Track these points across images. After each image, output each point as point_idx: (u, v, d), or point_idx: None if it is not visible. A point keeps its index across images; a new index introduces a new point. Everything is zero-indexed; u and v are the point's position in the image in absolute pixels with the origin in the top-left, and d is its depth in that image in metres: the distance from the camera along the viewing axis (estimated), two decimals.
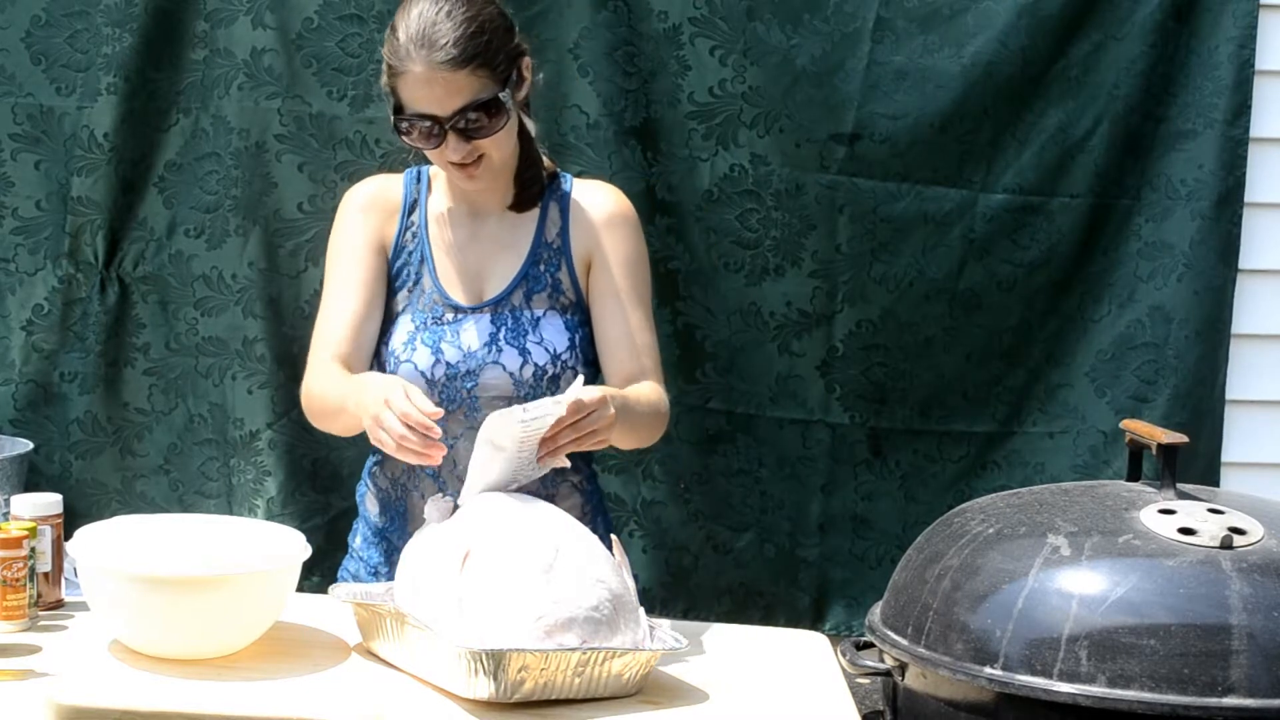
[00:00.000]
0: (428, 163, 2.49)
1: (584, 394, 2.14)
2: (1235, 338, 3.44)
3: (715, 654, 2.16)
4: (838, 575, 3.42)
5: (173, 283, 3.30)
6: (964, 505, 2.17)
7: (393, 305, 2.42)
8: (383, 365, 2.40)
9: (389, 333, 2.41)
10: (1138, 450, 2.14)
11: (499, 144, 2.33)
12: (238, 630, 2.01)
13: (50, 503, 2.20)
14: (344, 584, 2.21)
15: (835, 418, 3.39)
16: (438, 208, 2.45)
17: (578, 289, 2.43)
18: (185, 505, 3.30)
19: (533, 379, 2.36)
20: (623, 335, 2.41)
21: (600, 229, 2.44)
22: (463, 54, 2.25)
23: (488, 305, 2.40)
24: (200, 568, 2.05)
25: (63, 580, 2.20)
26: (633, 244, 2.45)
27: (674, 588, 3.38)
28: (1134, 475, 2.14)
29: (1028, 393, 3.42)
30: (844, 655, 2.11)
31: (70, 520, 2.21)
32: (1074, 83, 3.34)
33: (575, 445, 2.15)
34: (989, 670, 1.88)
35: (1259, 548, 1.90)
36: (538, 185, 2.44)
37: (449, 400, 2.36)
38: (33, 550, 2.13)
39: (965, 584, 1.95)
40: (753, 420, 3.38)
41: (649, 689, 1.97)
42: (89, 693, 1.86)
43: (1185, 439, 2.05)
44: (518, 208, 2.45)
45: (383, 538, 2.48)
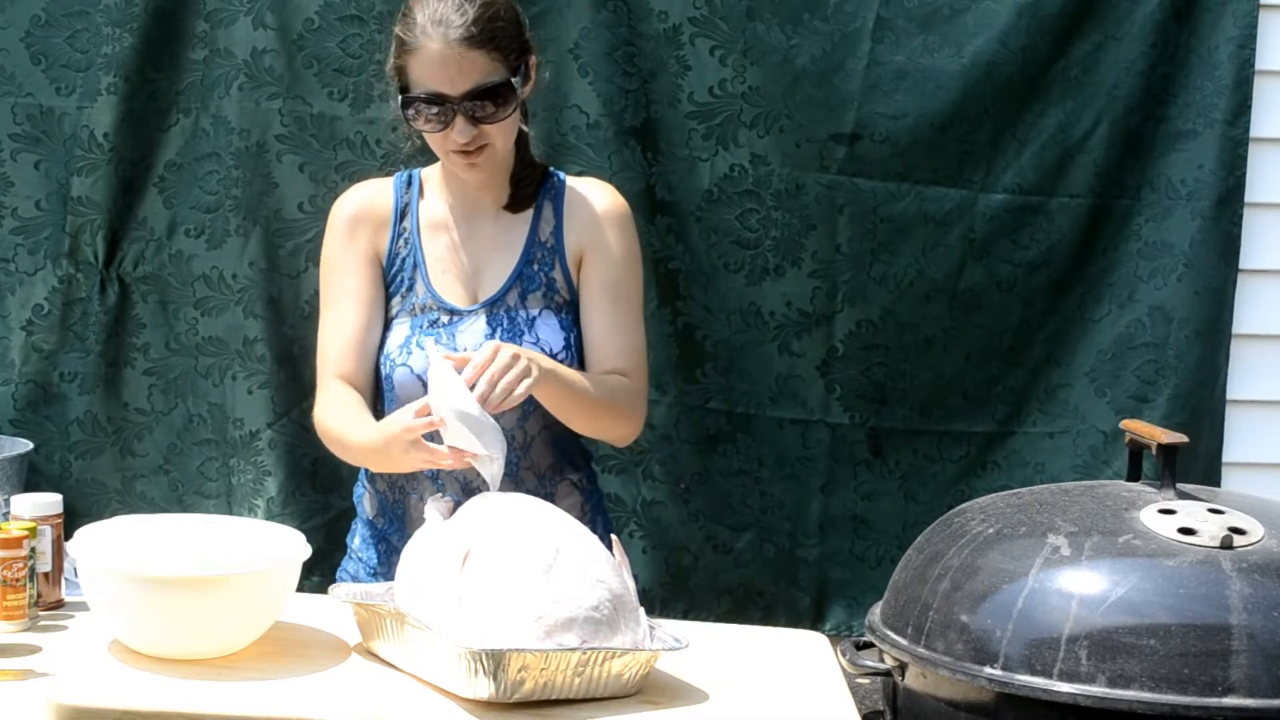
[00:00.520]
0: (421, 165, 2.49)
1: (489, 345, 2.18)
2: (1236, 338, 3.44)
3: (715, 654, 2.16)
4: (838, 575, 3.43)
5: (173, 283, 3.30)
6: (964, 505, 2.17)
7: (387, 310, 2.43)
8: (379, 370, 2.40)
9: (384, 337, 2.41)
10: (1138, 450, 2.14)
11: (503, 132, 2.34)
12: (238, 630, 2.01)
13: (50, 503, 2.20)
14: (344, 584, 2.21)
15: (835, 418, 3.39)
16: (430, 211, 2.45)
17: (571, 287, 2.43)
18: (185, 505, 3.30)
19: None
20: (607, 333, 2.41)
21: (593, 226, 2.44)
22: (481, 34, 2.27)
23: (483, 306, 2.40)
24: (200, 568, 2.05)
25: (63, 580, 2.20)
26: (625, 242, 2.45)
27: (674, 588, 3.38)
28: (1134, 475, 2.14)
29: (1028, 393, 3.43)
30: (844, 655, 2.11)
31: (70, 520, 2.21)
32: (1074, 83, 3.34)
33: (497, 397, 2.15)
34: (989, 670, 1.88)
35: (1259, 548, 1.90)
36: (532, 185, 2.45)
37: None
38: (33, 550, 2.13)
39: (965, 584, 1.95)
40: (753, 420, 3.38)
41: (649, 689, 1.97)
42: (89, 693, 1.86)
43: (1185, 439, 2.05)
44: (512, 208, 2.45)
45: (382, 539, 2.48)
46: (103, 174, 3.26)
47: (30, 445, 3.21)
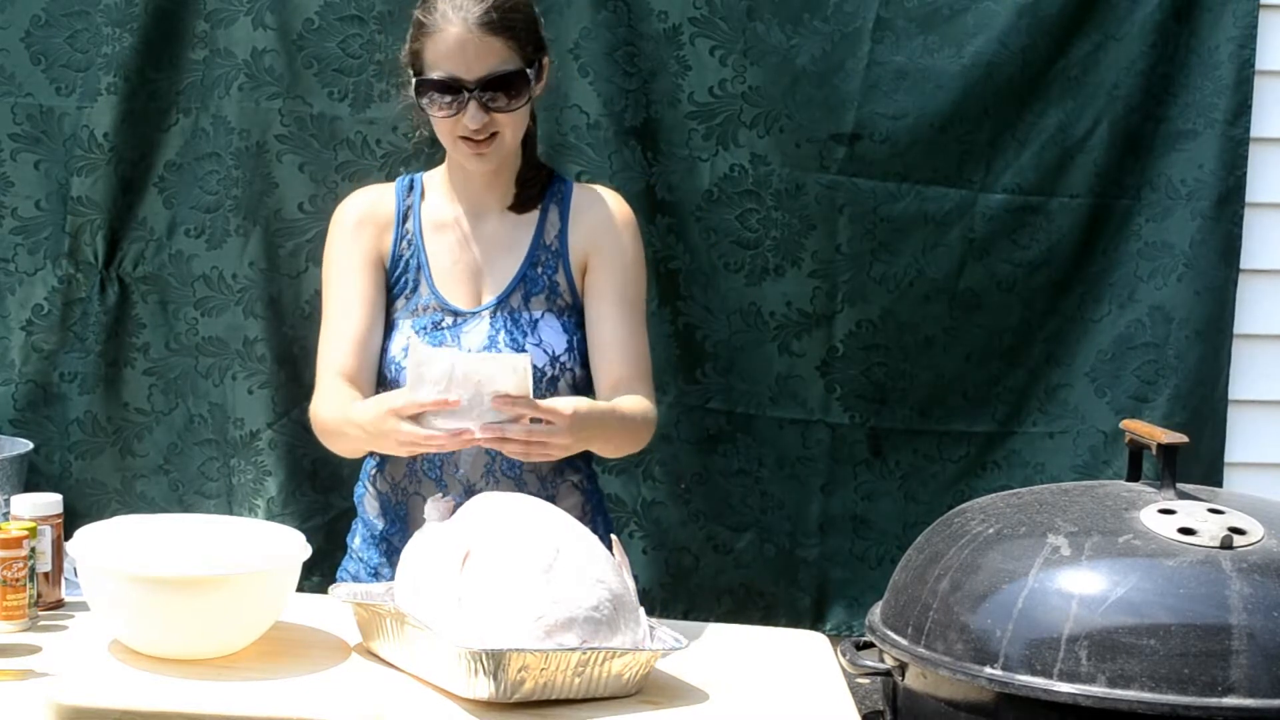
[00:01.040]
0: (422, 169, 2.49)
1: (559, 407, 2.16)
2: (1236, 338, 3.44)
3: (715, 654, 2.16)
4: (838, 575, 3.42)
5: (173, 283, 3.30)
6: (964, 505, 2.17)
7: (390, 312, 2.43)
8: (383, 372, 2.40)
9: (387, 340, 2.41)
10: (1138, 450, 2.14)
11: (513, 123, 2.35)
12: (238, 630, 2.01)
13: (50, 503, 2.20)
14: (344, 584, 2.21)
15: (835, 418, 3.39)
16: (433, 213, 2.45)
17: (575, 291, 2.43)
18: (185, 505, 3.30)
19: (532, 381, 2.36)
20: (614, 340, 2.41)
21: (599, 232, 2.44)
22: (500, 20, 2.30)
23: (487, 308, 2.40)
24: (200, 568, 2.05)
25: (63, 580, 2.20)
26: (631, 249, 2.46)
27: (674, 588, 3.38)
28: (1134, 475, 2.14)
29: (1028, 393, 3.42)
30: (844, 655, 2.11)
31: (70, 520, 2.22)
32: (1074, 83, 3.34)
33: (520, 446, 2.16)
34: (989, 670, 1.88)
35: (1259, 548, 1.90)
36: (537, 186, 2.45)
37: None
38: (33, 550, 2.13)
39: (965, 584, 1.95)
40: (753, 420, 3.38)
41: (649, 689, 1.97)
42: (89, 693, 1.86)
43: (1185, 439, 2.05)
44: (517, 209, 2.45)
45: (383, 539, 2.47)
46: (103, 174, 3.26)
47: (30, 445, 3.20)
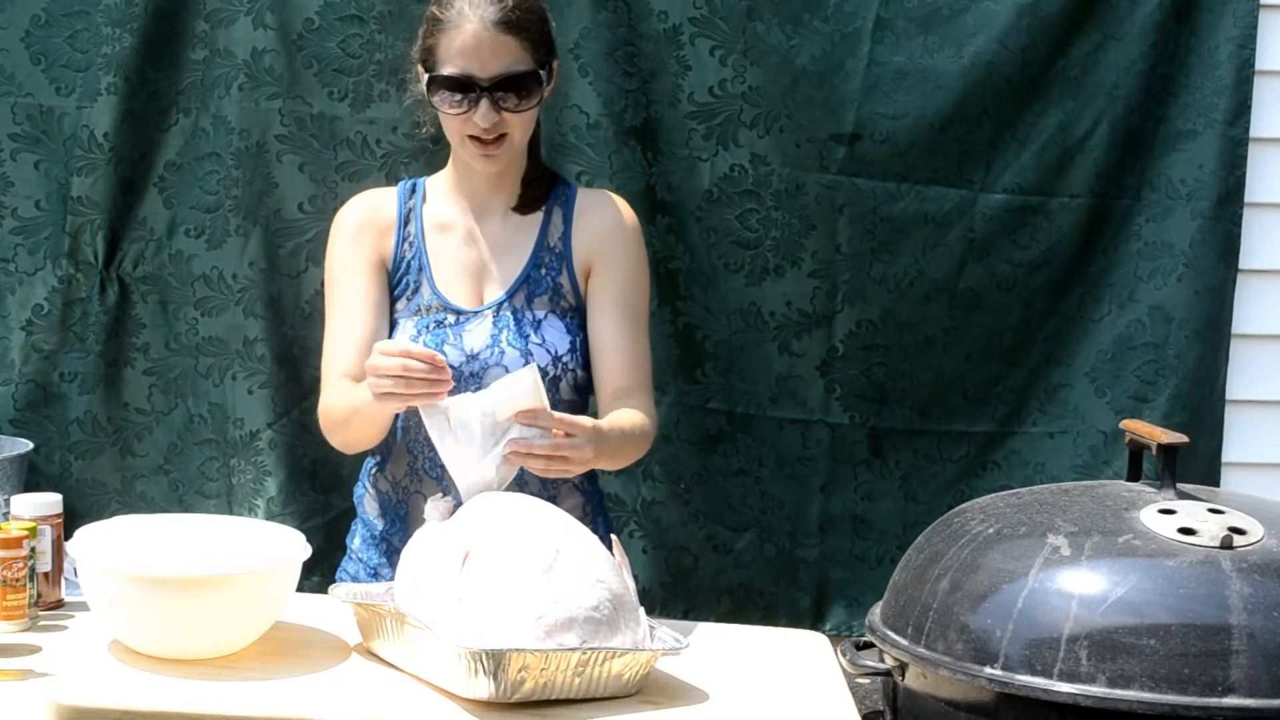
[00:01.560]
0: (423, 173, 2.50)
1: (580, 420, 2.16)
2: (1235, 338, 3.44)
3: (715, 654, 2.16)
4: (838, 575, 3.42)
5: (173, 283, 3.30)
6: (964, 505, 2.17)
7: (392, 313, 2.43)
8: None
9: (389, 339, 2.41)
10: (1138, 450, 2.14)
11: (522, 124, 2.35)
12: (238, 630, 2.01)
13: (50, 503, 2.20)
14: (344, 584, 2.21)
15: (835, 418, 3.39)
16: (435, 214, 2.45)
17: (578, 293, 2.44)
18: (185, 505, 3.30)
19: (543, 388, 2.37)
20: (617, 346, 2.41)
21: (604, 237, 2.44)
22: (519, 20, 2.31)
23: (489, 307, 2.40)
24: (200, 568, 2.05)
25: (63, 580, 2.21)
26: (635, 255, 2.46)
27: (674, 588, 3.38)
28: (1134, 475, 2.14)
29: (1028, 393, 3.42)
30: (844, 655, 2.11)
31: (70, 520, 2.22)
32: (1074, 83, 3.34)
33: (544, 463, 2.15)
34: (989, 670, 1.88)
35: (1259, 548, 1.90)
36: (542, 188, 2.46)
37: None
38: (33, 550, 2.13)
39: (965, 584, 1.95)
40: (753, 420, 3.38)
41: (649, 689, 1.97)
42: (89, 693, 1.86)
43: (1185, 439, 2.05)
44: (521, 210, 2.45)
45: (383, 539, 2.48)
46: (103, 174, 3.26)
47: (30, 445, 3.20)
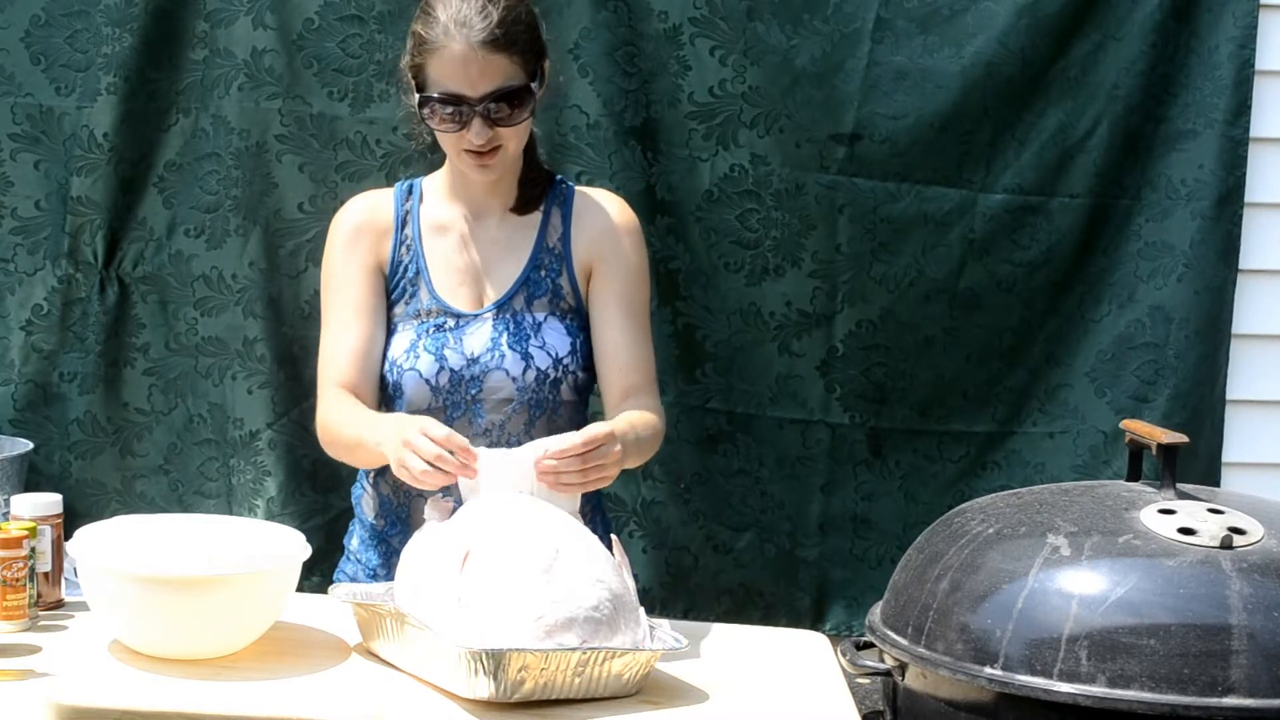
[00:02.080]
0: (421, 172, 2.49)
1: (597, 427, 2.15)
2: (1235, 338, 3.44)
3: (715, 654, 2.16)
4: (838, 575, 3.42)
5: (173, 283, 3.30)
6: (964, 505, 2.17)
7: (390, 317, 2.42)
8: (384, 376, 2.40)
9: (388, 343, 2.40)
10: (1138, 450, 2.14)
11: (518, 135, 2.34)
12: (238, 630, 2.01)
13: (50, 503, 2.20)
14: (344, 584, 2.21)
15: (835, 418, 3.39)
16: (432, 216, 2.45)
17: (578, 295, 2.43)
18: (185, 505, 3.30)
19: (535, 383, 2.36)
20: (621, 347, 2.41)
21: (604, 238, 2.44)
22: (504, 37, 2.28)
23: (489, 310, 2.40)
24: (200, 568, 2.05)
25: (63, 580, 2.20)
26: (636, 255, 2.46)
27: (674, 588, 3.38)
28: (1134, 475, 2.14)
29: (1028, 393, 3.42)
30: (844, 655, 2.11)
31: (70, 520, 2.21)
32: (1074, 83, 3.34)
33: (579, 479, 2.14)
34: (989, 670, 1.88)
35: (1259, 548, 1.90)
36: (539, 188, 2.45)
37: (452, 406, 2.36)
38: (33, 550, 2.13)
39: (965, 584, 1.95)
40: (753, 420, 3.38)
41: (649, 689, 1.97)
42: (89, 693, 1.86)
43: (1185, 439, 2.05)
44: (519, 210, 2.45)
45: (382, 540, 2.47)
46: (102, 174, 3.26)
47: (30, 445, 3.21)
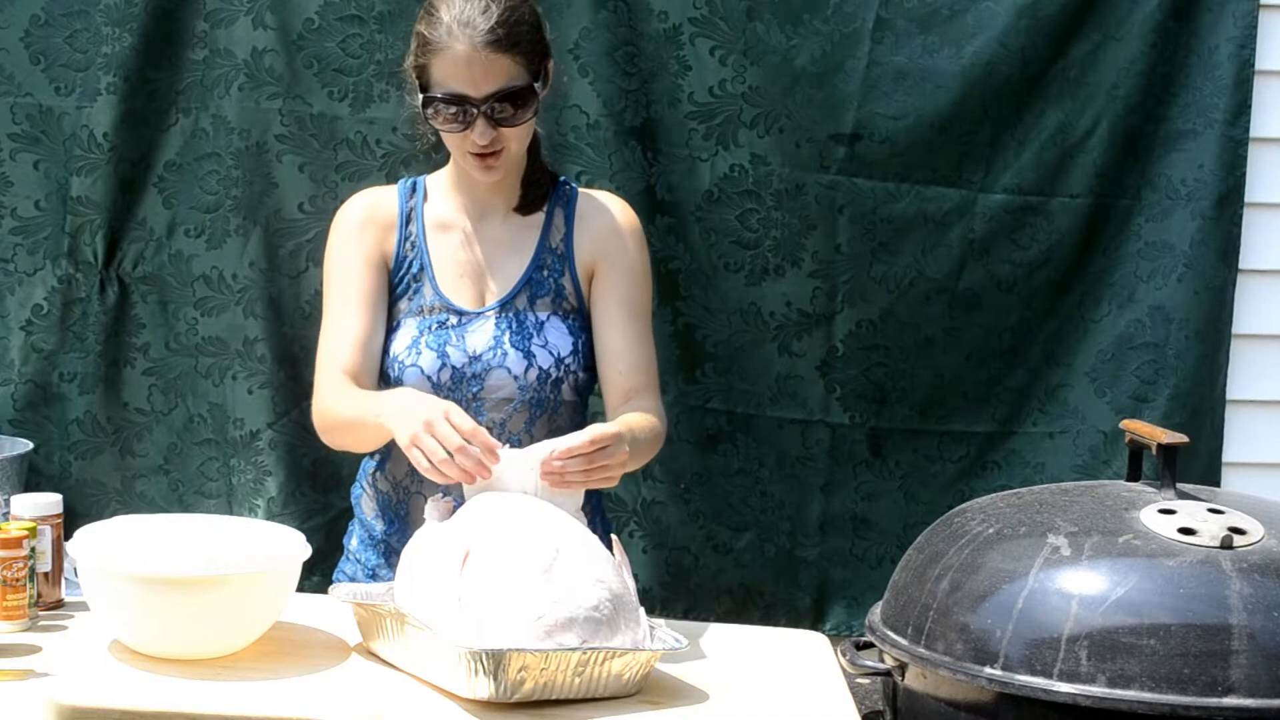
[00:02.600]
0: (423, 171, 2.49)
1: (604, 427, 2.14)
2: (1235, 338, 3.44)
3: (715, 654, 2.16)
4: (838, 575, 3.43)
5: (173, 283, 3.30)
6: (964, 505, 2.17)
7: (393, 313, 2.42)
8: (385, 371, 2.40)
9: (390, 339, 2.40)
10: (1138, 450, 2.14)
11: (521, 136, 2.34)
12: (238, 630, 2.01)
13: (50, 503, 2.20)
14: (344, 584, 2.21)
15: (835, 418, 3.39)
16: (436, 214, 2.45)
17: (580, 296, 2.43)
18: (185, 505, 3.30)
19: (537, 382, 2.36)
20: (623, 349, 2.41)
21: (606, 240, 2.44)
22: (507, 37, 2.27)
23: (491, 309, 2.40)
24: (200, 568, 2.05)
25: (63, 580, 2.20)
26: (638, 257, 2.46)
27: (674, 588, 3.38)
28: (1134, 475, 2.14)
29: (1028, 393, 3.43)
30: (844, 655, 2.11)
31: (70, 520, 2.21)
32: (1074, 83, 3.34)
33: (583, 478, 2.14)
34: (989, 670, 1.88)
35: (1259, 548, 1.90)
36: (543, 188, 2.45)
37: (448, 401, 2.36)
38: (33, 550, 2.13)
39: (965, 584, 1.95)
40: (753, 420, 3.38)
41: (649, 689, 1.97)
42: (89, 693, 1.86)
43: (1185, 439, 2.05)
44: (522, 210, 2.45)
45: (382, 540, 2.47)
46: (102, 174, 3.26)
47: (30, 445, 3.21)
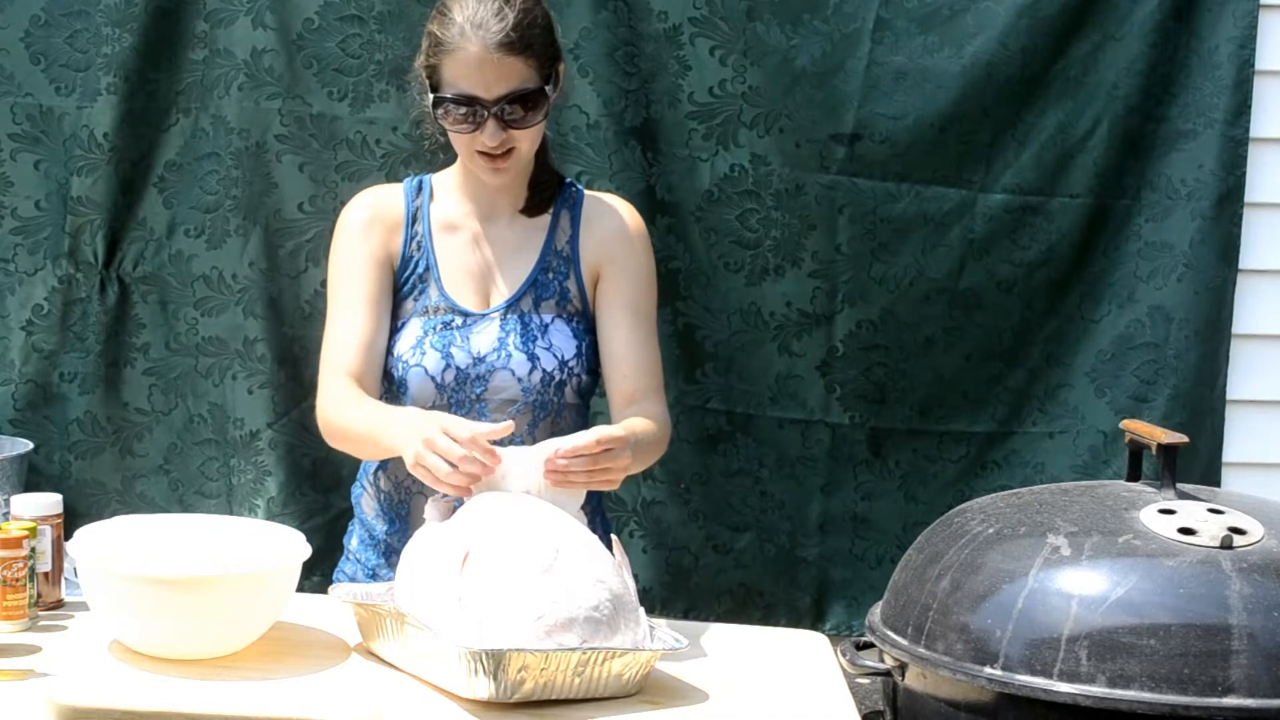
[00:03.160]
0: (425, 169, 2.49)
1: (610, 430, 2.14)
2: (1235, 338, 3.44)
3: (715, 654, 2.16)
4: (838, 575, 3.43)
5: (173, 283, 3.30)
6: (964, 505, 2.17)
7: (398, 313, 2.42)
8: (389, 371, 2.40)
9: (394, 339, 2.40)
10: (1138, 450, 2.14)
11: (530, 138, 2.34)
12: (238, 630, 2.01)
13: (50, 503, 2.20)
14: (344, 584, 2.21)
15: (835, 418, 3.39)
16: (442, 214, 2.45)
17: (585, 298, 2.43)
18: (185, 505, 3.30)
19: (540, 384, 2.36)
20: (628, 352, 2.41)
21: (612, 243, 2.44)
22: (519, 40, 2.27)
23: (496, 310, 2.40)
24: (200, 568, 2.05)
25: (63, 580, 2.20)
26: (644, 261, 2.46)
27: (674, 588, 3.38)
28: (1134, 475, 2.14)
29: (1028, 393, 3.43)
30: (844, 655, 2.11)
31: (70, 520, 2.21)
32: (1074, 83, 3.34)
33: (586, 479, 2.14)
34: (989, 670, 1.88)
35: (1259, 548, 1.90)
36: (550, 190, 2.45)
37: (456, 404, 2.36)
38: (33, 550, 2.13)
39: (965, 584, 1.95)
40: (753, 420, 3.38)
41: (649, 689, 1.97)
42: (89, 693, 1.86)
43: (1185, 439, 2.05)
44: (529, 212, 2.45)
45: (382, 540, 2.47)
46: (102, 174, 3.26)
47: (30, 445, 3.21)
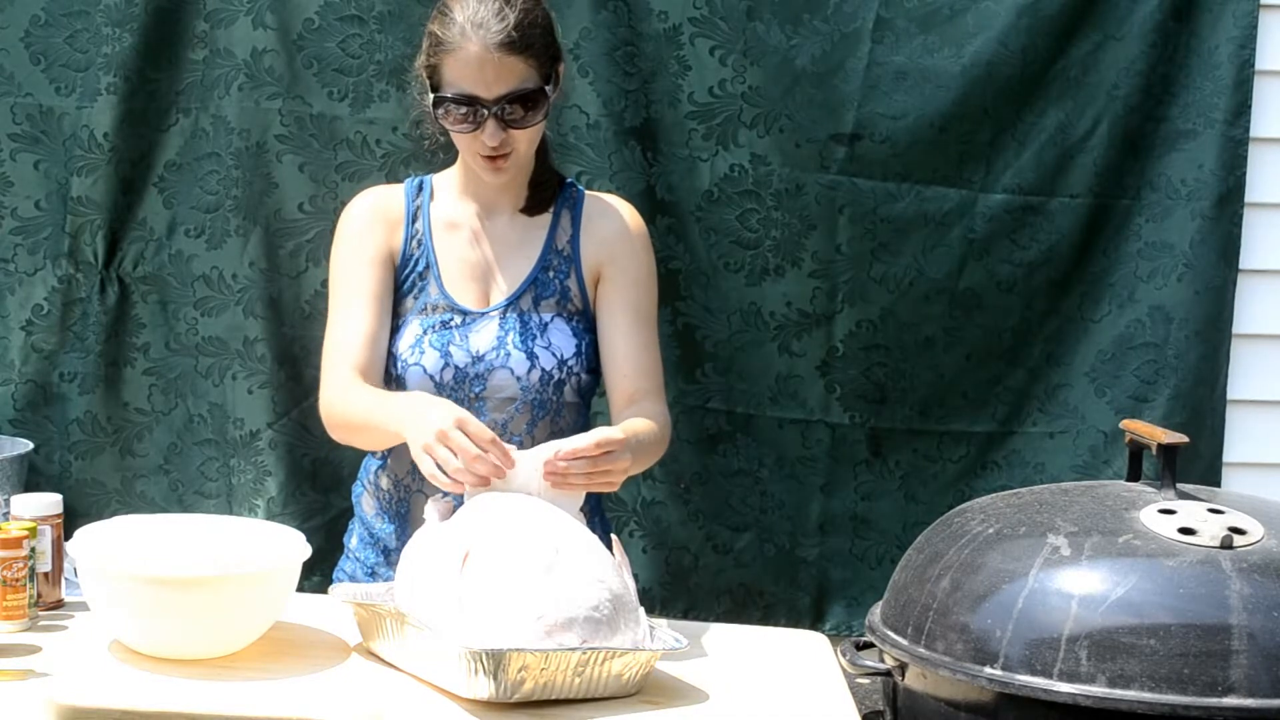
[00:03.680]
0: (424, 170, 2.49)
1: (610, 432, 2.14)
2: (1235, 338, 3.44)
3: (715, 654, 2.16)
4: (838, 575, 3.43)
5: (173, 283, 3.30)
6: (964, 505, 2.17)
7: (398, 311, 2.42)
8: (388, 369, 2.40)
9: (394, 337, 2.40)
10: (1138, 450, 2.14)
11: (530, 138, 2.35)
12: (238, 630, 2.01)
13: (50, 503, 2.20)
14: (344, 584, 2.21)
15: (835, 418, 3.39)
16: (442, 213, 2.45)
17: (585, 298, 2.43)
18: (185, 505, 3.30)
19: (539, 383, 2.36)
20: (629, 353, 2.41)
21: (613, 243, 2.44)
22: (520, 39, 2.28)
23: (496, 309, 2.40)
24: (200, 568, 2.05)
25: (63, 580, 2.21)
26: (645, 262, 2.46)
27: (674, 588, 3.38)
28: (1134, 475, 2.14)
29: (1028, 393, 3.43)
30: (844, 655, 2.11)
31: (70, 520, 2.22)
32: (1074, 83, 3.34)
33: (585, 480, 2.13)
34: (989, 670, 1.88)
35: (1259, 548, 1.90)
36: (551, 190, 2.45)
37: (455, 403, 2.36)
38: (33, 550, 2.13)
39: (965, 584, 1.95)
40: (753, 420, 3.38)
41: (649, 689, 1.97)
42: (89, 693, 1.86)
43: (1185, 439, 2.06)
44: (529, 211, 2.45)
45: (382, 540, 2.47)
46: (102, 174, 3.26)
47: (30, 445, 3.21)
